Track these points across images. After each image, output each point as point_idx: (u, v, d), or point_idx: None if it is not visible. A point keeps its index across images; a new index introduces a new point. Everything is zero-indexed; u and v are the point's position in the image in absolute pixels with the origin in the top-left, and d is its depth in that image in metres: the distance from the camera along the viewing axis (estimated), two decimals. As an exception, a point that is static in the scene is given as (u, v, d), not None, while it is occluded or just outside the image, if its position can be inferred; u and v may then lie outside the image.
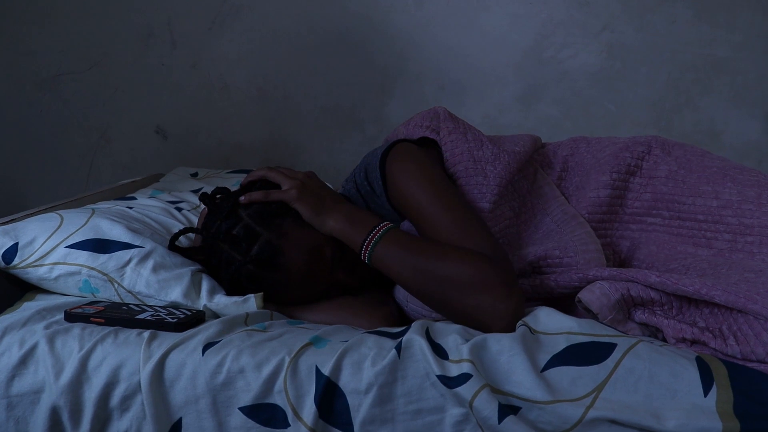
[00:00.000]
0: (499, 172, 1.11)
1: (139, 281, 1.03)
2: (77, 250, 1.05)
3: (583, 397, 0.80)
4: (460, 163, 1.12)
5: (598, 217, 1.15)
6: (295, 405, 0.84)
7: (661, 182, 1.15)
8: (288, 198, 1.03)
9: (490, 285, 0.92)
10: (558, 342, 0.87)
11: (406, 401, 0.83)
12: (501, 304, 0.91)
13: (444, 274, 0.94)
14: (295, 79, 2.13)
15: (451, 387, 0.81)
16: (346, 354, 0.86)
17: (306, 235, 1.02)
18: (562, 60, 2.04)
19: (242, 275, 1.02)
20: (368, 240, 0.99)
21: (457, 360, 0.84)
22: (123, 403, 0.87)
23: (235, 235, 1.01)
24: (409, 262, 0.96)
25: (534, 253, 1.08)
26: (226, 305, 1.01)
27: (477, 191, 1.10)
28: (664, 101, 2.02)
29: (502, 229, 1.11)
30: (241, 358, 0.87)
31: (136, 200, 1.44)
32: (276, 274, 1.02)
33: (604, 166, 1.17)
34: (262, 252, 1.00)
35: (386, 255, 0.98)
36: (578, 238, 1.10)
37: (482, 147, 1.14)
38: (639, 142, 1.20)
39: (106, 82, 2.22)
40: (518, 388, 0.81)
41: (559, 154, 1.26)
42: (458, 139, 1.14)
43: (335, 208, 1.03)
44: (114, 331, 0.93)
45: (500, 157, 1.14)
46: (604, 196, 1.15)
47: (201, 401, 0.86)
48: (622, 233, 1.17)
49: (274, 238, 1.01)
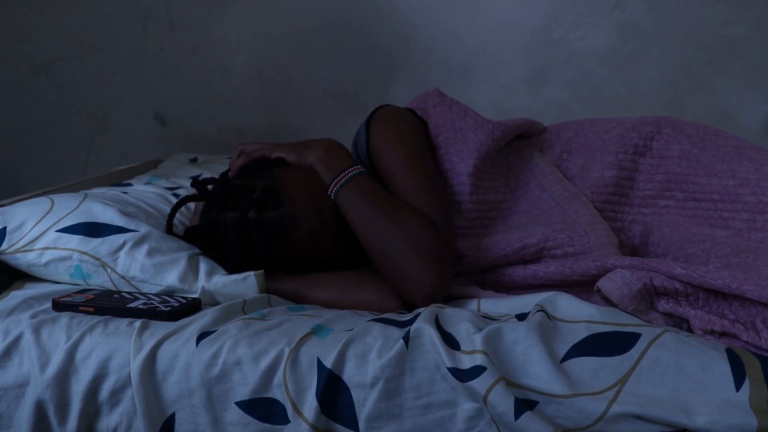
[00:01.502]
0: (480, 138, 1.13)
1: (133, 265, 1.00)
2: (68, 234, 1.02)
3: (606, 390, 0.76)
4: (441, 134, 1.15)
5: (604, 198, 1.13)
6: (296, 400, 0.80)
7: (673, 162, 1.13)
8: (267, 151, 1.08)
9: (427, 251, 0.94)
10: (578, 331, 0.82)
11: (415, 395, 0.79)
12: (428, 275, 0.94)
13: (389, 228, 0.97)
14: (297, 63, 2.12)
15: (464, 380, 0.76)
16: (350, 345, 0.82)
17: (298, 171, 1.05)
18: (572, 41, 2.00)
19: (249, 228, 1.01)
20: (336, 180, 1.02)
21: (469, 351, 0.79)
22: (112, 397, 0.84)
23: (234, 194, 1.03)
24: (364, 210, 0.99)
25: (542, 235, 1.05)
26: (225, 284, 0.98)
27: (456, 157, 1.12)
28: (677, 83, 1.98)
29: (495, 201, 1.12)
30: (238, 349, 0.83)
31: (131, 186, 1.41)
32: (281, 210, 1.02)
33: (610, 147, 1.15)
34: (263, 194, 1.02)
35: (347, 198, 1.01)
36: (584, 219, 1.07)
37: (465, 117, 1.17)
38: (647, 122, 1.18)
39: (103, 66, 2.20)
40: (535, 381, 0.77)
41: (562, 137, 1.24)
42: (442, 112, 1.17)
43: (315, 144, 1.07)
44: (104, 321, 0.89)
45: (483, 126, 1.16)
46: (610, 177, 1.12)
47: (195, 395, 0.82)
48: (633, 217, 1.14)
49: (269, 181, 1.04)
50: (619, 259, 0.97)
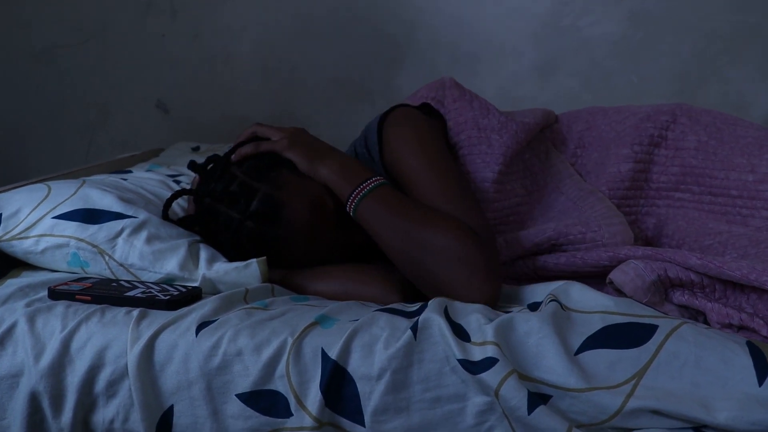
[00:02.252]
0: (505, 141, 1.07)
1: (131, 253, 0.97)
2: (65, 221, 1.00)
3: (622, 384, 0.73)
4: (463, 132, 1.08)
5: (621, 194, 1.09)
6: (299, 392, 0.77)
7: (689, 154, 1.09)
8: (279, 147, 1.00)
9: (472, 260, 0.87)
10: (592, 321, 0.79)
11: (423, 388, 0.76)
12: (480, 282, 0.86)
13: (424, 239, 0.89)
14: (301, 51, 2.09)
15: (475, 372, 0.73)
16: (355, 335, 0.79)
17: (305, 184, 0.98)
18: (582, 28, 1.97)
19: (243, 234, 0.97)
20: (355, 192, 0.94)
21: (480, 342, 0.76)
22: (109, 388, 0.81)
23: (232, 192, 0.97)
24: (390, 221, 0.92)
25: (554, 229, 1.02)
26: (226, 272, 0.95)
27: (480, 160, 1.06)
28: (690, 72, 1.95)
29: (513, 206, 1.06)
30: (239, 339, 0.80)
31: (131, 173, 1.39)
32: (278, 228, 0.97)
33: (625, 139, 1.11)
34: (262, 206, 0.96)
35: (370, 211, 0.93)
36: (599, 213, 1.04)
37: (488, 115, 1.10)
38: (662, 111, 1.14)
39: (104, 54, 2.19)
40: (549, 374, 0.74)
41: (574, 130, 1.20)
42: (463, 107, 1.10)
43: (329, 156, 0.99)
44: (100, 310, 0.87)
45: (507, 126, 1.09)
46: (626, 171, 1.09)
47: (194, 387, 0.79)
48: (648, 210, 1.11)
49: (273, 190, 0.97)
50: (632, 249, 0.94)
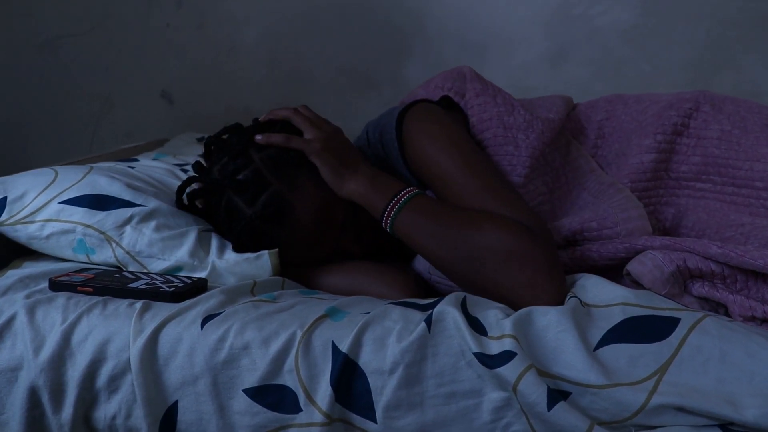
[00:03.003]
0: (531, 141, 1.02)
1: (140, 240, 0.95)
2: (72, 206, 0.97)
3: (644, 380, 0.70)
4: (488, 130, 1.02)
5: (643, 185, 1.06)
6: (308, 387, 0.75)
7: (712, 144, 1.05)
8: (309, 150, 0.94)
9: (532, 258, 0.81)
10: (612, 315, 0.76)
11: (437, 383, 0.73)
12: (544, 281, 0.80)
13: (476, 244, 0.83)
14: (307, 40, 2.06)
15: (492, 366, 0.71)
16: (367, 328, 0.76)
17: (320, 192, 0.94)
18: (593, 17, 1.93)
19: (242, 225, 0.94)
20: (391, 206, 0.90)
21: (497, 336, 0.73)
22: (111, 383, 0.79)
23: (242, 180, 0.93)
24: (435, 231, 0.86)
25: (569, 226, 0.99)
26: (237, 262, 0.92)
27: (507, 163, 1.01)
28: (703, 60, 1.91)
29: (536, 206, 1.03)
30: (246, 332, 0.78)
31: (138, 162, 1.37)
32: (280, 230, 0.94)
33: (647, 128, 1.08)
34: (268, 204, 0.92)
35: (410, 223, 0.88)
36: (617, 204, 1.00)
37: (513, 112, 1.04)
38: (685, 99, 1.10)
39: (108, 44, 2.15)
40: (568, 369, 0.71)
41: (593, 119, 1.16)
42: (487, 102, 1.05)
43: (358, 170, 0.94)
44: (102, 302, 0.84)
45: (533, 125, 1.04)
46: (648, 161, 1.05)
47: (199, 382, 0.77)
48: (667, 200, 1.07)
49: (285, 190, 0.93)
50: (650, 240, 0.91)
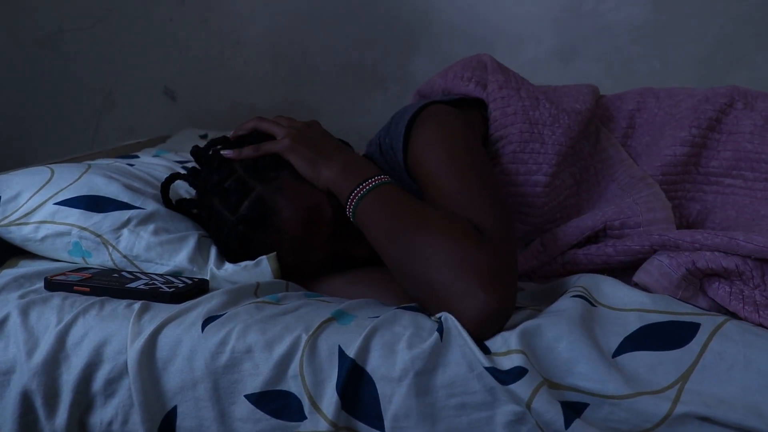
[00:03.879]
0: (558, 138, 0.98)
1: (138, 243, 0.93)
2: (68, 207, 0.94)
3: (666, 389, 0.67)
4: (513, 125, 0.98)
5: (673, 179, 1.02)
6: (313, 393, 0.72)
7: (744, 139, 1.02)
8: (280, 149, 0.91)
9: (472, 267, 0.74)
10: (628, 320, 0.73)
11: (448, 393, 0.70)
12: (483, 290, 0.73)
13: (418, 242, 0.78)
14: (312, 35, 2.05)
15: (505, 382, 0.68)
16: (375, 333, 0.73)
17: (304, 191, 0.91)
18: (603, 13, 1.91)
19: (231, 234, 0.92)
20: (354, 193, 0.85)
21: (504, 352, 0.69)
22: (107, 387, 0.76)
23: (226, 188, 0.91)
24: (388, 224, 0.82)
25: (592, 225, 0.96)
26: (235, 272, 0.90)
27: (533, 162, 0.97)
28: (716, 58, 1.88)
29: (562, 200, 1.00)
30: (249, 335, 0.75)
31: (138, 158, 1.33)
32: (266, 235, 0.91)
33: (683, 121, 1.04)
34: (252, 209, 0.90)
35: (368, 213, 0.84)
36: (643, 201, 0.97)
37: (539, 106, 1.01)
38: (720, 93, 1.07)
39: (110, 39, 2.15)
40: (584, 380, 0.68)
41: (623, 108, 1.12)
42: (510, 96, 1.01)
43: (332, 157, 0.90)
44: (99, 302, 0.81)
45: (560, 119, 1.00)
46: (681, 155, 1.02)
47: (199, 387, 0.74)
48: (693, 195, 1.04)
49: (267, 193, 0.90)
50: (664, 235, 0.88)
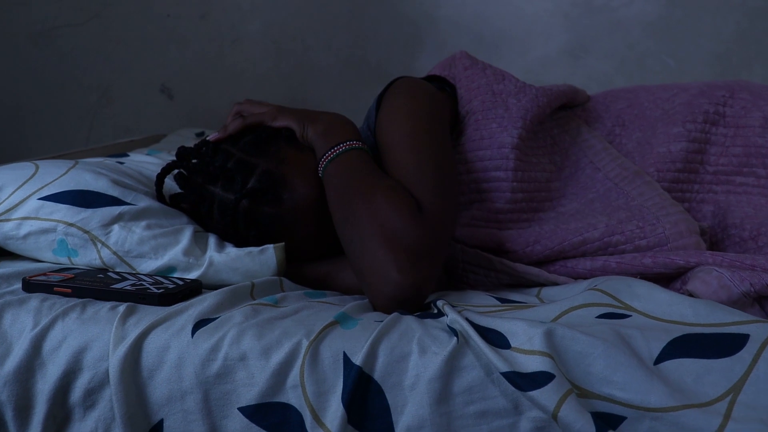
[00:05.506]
0: (524, 104, 1.00)
1: (129, 238, 0.87)
2: (53, 202, 0.90)
3: (715, 401, 0.60)
4: (476, 98, 1.01)
5: (671, 176, 0.99)
6: (316, 405, 0.66)
7: (754, 132, 0.99)
8: (267, 117, 0.94)
9: (397, 240, 0.77)
10: (669, 328, 0.67)
11: (466, 400, 0.64)
12: (394, 271, 0.75)
13: (356, 209, 0.81)
14: (315, 31, 2.04)
15: (524, 389, 0.61)
16: (383, 337, 0.67)
17: (308, 158, 0.92)
18: (616, 8, 1.89)
19: (239, 217, 0.88)
20: (327, 154, 0.88)
21: (527, 350, 0.63)
22: (87, 398, 0.70)
23: (228, 169, 0.90)
24: (343, 190, 0.85)
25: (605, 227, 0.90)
26: (238, 257, 0.85)
27: (496, 125, 0.98)
28: (731, 54, 1.85)
29: (542, 180, 0.98)
30: (243, 340, 0.69)
31: (128, 157, 1.28)
32: (280, 208, 0.89)
33: (675, 117, 1.01)
34: (261, 182, 0.89)
35: (332, 175, 0.87)
36: (652, 203, 0.92)
37: (503, 80, 1.05)
38: (717, 86, 1.04)
39: (106, 35, 2.13)
40: (622, 390, 0.61)
41: (611, 108, 1.10)
42: (475, 74, 1.05)
43: (318, 117, 0.93)
44: (81, 304, 0.75)
45: (525, 90, 1.03)
46: (677, 151, 0.98)
47: (189, 398, 0.68)
48: (703, 196, 1.00)
49: (272, 165, 0.90)
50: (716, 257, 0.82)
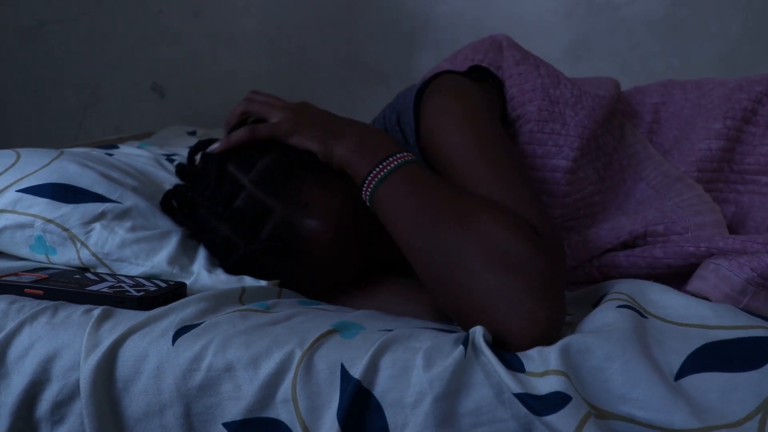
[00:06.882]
0: (581, 119, 0.91)
1: (110, 240, 0.82)
2: (32, 195, 0.85)
3: (744, 420, 0.55)
4: (531, 102, 0.90)
5: (708, 176, 0.94)
6: (308, 422, 0.60)
7: None
8: (283, 131, 0.80)
9: (528, 268, 0.63)
10: (690, 334, 0.62)
11: (473, 422, 0.58)
12: (534, 300, 0.62)
13: (461, 236, 0.66)
14: (311, 30, 2.02)
15: (540, 413, 0.56)
16: (386, 348, 0.61)
17: (335, 201, 0.78)
18: (619, 6, 1.87)
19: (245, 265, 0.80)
20: (373, 174, 0.74)
21: (541, 372, 0.57)
22: (55, 411, 0.64)
23: (237, 210, 0.79)
24: (415, 210, 0.70)
25: (630, 229, 0.87)
26: (228, 280, 0.80)
27: (552, 143, 0.88)
28: (738, 55, 1.83)
29: (585, 197, 0.91)
30: (229, 349, 0.63)
31: (118, 149, 1.24)
32: (292, 263, 0.79)
33: (715, 111, 0.96)
34: (275, 236, 0.78)
35: (391, 196, 0.72)
36: (687, 205, 0.88)
37: (559, 85, 0.93)
38: (755, 81, 0.99)
39: (96, 32, 2.12)
40: (642, 409, 0.56)
41: (647, 102, 1.05)
42: (528, 72, 0.94)
43: (344, 130, 0.79)
44: (52, 307, 0.69)
45: (582, 100, 0.93)
46: (716, 149, 0.94)
47: (168, 412, 0.62)
48: (726, 196, 0.96)
49: (291, 213, 0.78)
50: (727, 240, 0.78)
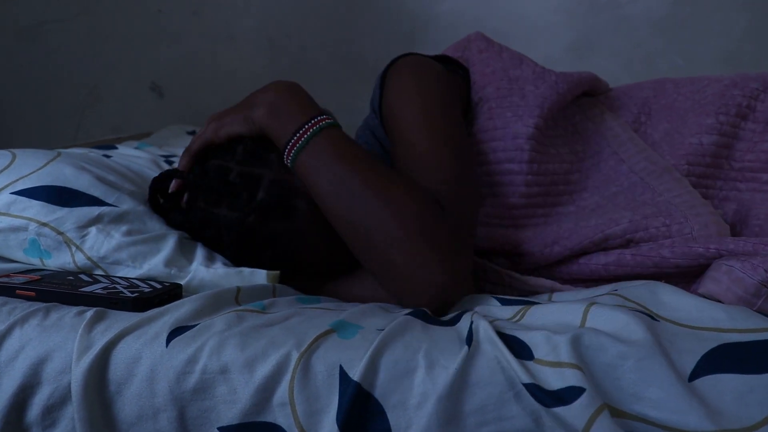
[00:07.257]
0: (542, 92, 0.94)
1: (106, 243, 0.80)
2: (27, 198, 0.83)
3: (761, 424, 0.53)
4: (490, 84, 0.95)
5: (700, 171, 0.93)
6: (306, 426, 0.58)
7: None
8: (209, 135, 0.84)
9: (431, 236, 0.70)
10: (702, 337, 0.60)
11: (479, 421, 0.56)
12: (434, 267, 0.70)
13: (372, 201, 0.72)
14: (310, 28, 2.04)
15: (549, 405, 0.54)
16: (386, 348, 0.59)
17: None
18: (622, 4, 1.88)
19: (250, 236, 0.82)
20: (293, 140, 0.78)
21: (553, 362, 0.56)
22: (46, 416, 0.62)
23: (231, 185, 0.81)
24: (337, 177, 0.75)
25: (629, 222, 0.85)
26: (227, 274, 0.79)
27: (511, 113, 0.92)
28: (741, 53, 1.82)
29: (560, 172, 0.92)
30: (225, 351, 0.61)
31: (116, 150, 1.22)
32: (293, 220, 0.81)
33: (707, 107, 0.96)
34: (270, 194, 0.81)
35: (311, 162, 0.76)
36: (681, 200, 0.87)
37: (521, 65, 0.98)
38: (750, 78, 0.99)
39: (95, 31, 2.14)
40: (657, 409, 0.54)
41: (636, 96, 1.05)
42: (490, 58, 0.99)
43: (259, 99, 0.82)
44: (44, 309, 0.67)
45: (545, 76, 0.97)
46: (708, 144, 0.93)
47: (161, 416, 0.60)
48: (726, 194, 0.94)
49: (279, 173, 0.82)
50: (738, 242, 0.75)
